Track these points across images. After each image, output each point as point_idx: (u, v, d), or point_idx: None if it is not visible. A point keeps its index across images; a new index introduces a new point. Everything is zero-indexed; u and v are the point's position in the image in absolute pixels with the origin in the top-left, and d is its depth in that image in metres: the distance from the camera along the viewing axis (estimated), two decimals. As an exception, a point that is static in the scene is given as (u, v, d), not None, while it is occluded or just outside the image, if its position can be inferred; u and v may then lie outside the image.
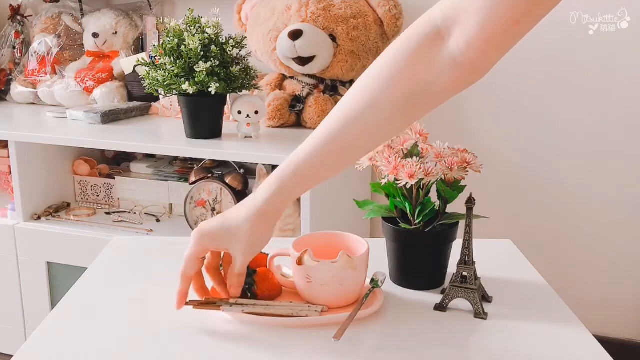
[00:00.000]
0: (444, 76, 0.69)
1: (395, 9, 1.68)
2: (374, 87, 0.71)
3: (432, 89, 0.70)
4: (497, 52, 0.68)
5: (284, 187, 0.74)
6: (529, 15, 0.64)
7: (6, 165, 1.88)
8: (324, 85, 1.73)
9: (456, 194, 0.85)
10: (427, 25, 0.69)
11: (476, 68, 0.69)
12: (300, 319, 0.78)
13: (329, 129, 0.73)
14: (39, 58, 2.06)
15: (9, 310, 1.77)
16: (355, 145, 0.74)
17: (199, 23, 1.48)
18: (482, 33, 0.65)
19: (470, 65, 0.68)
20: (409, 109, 0.71)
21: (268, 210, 0.75)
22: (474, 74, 0.70)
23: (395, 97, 0.70)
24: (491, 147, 1.85)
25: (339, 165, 0.75)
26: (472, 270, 0.81)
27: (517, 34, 0.66)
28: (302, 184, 0.75)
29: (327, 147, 0.73)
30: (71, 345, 0.74)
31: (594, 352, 0.73)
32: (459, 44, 0.67)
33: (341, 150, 0.73)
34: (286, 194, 0.75)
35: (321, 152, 0.73)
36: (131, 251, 1.03)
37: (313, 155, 0.73)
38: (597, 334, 0.91)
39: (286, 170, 0.74)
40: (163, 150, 1.56)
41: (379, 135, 0.74)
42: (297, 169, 0.74)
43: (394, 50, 0.71)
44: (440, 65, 0.69)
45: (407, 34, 0.71)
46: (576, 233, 1.84)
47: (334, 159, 0.74)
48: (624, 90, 1.72)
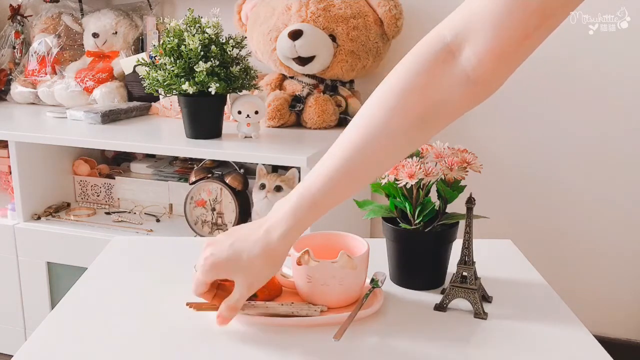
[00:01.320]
0: (457, 94, 0.68)
1: (395, 9, 1.68)
2: (386, 109, 0.70)
3: (446, 107, 0.69)
4: (509, 66, 0.67)
5: (300, 221, 0.72)
6: (541, 29, 0.63)
7: (6, 165, 1.88)
8: (324, 85, 1.73)
9: (456, 194, 0.85)
10: (437, 42, 0.68)
11: (489, 83, 0.68)
12: (300, 319, 0.78)
13: (343, 155, 0.71)
14: (39, 58, 2.06)
15: (9, 310, 1.77)
16: (370, 169, 0.73)
17: (199, 23, 1.48)
18: (494, 48, 0.65)
19: (482, 80, 0.67)
20: (423, 129, 0.70)
21: (282, 248, 0.72)
22: (486, 89, 0.69)
23: (409, 120, 0.69)
24: (491, 147, 1.85)
25: (354, 189, 0.74)
26: (472, 270, 0.81)
27: (528, 47, 0.65)
28: (317, 214, 0.73)
29: (342, 174, 0.71)
30: (71, 345, 0.74)
31: (594, 352, 0.73)
32: (471, 60, 0.66)
33: (357, 175, 0.72)
34: (301, 226, 0.73)
35: (337, 180, 0.71)
36: (131, 251, 1.03)
37: (329, 184, 0.71)
38: (597, 334, 0.91)
39: (302, 201, 0.72)
40: (163, 150, 1.56)
41: (393, 158, 0.74)
42: (313, 200, 0.71)
43: (403, 70, 0.70)
44: (452, 82, 0.68)
45: (416, 52, 0.69)
46: (576, 233, 1.84)
47: (349, 184, 0.73)
48: (624, 90, 1.72)
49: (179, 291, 0.81)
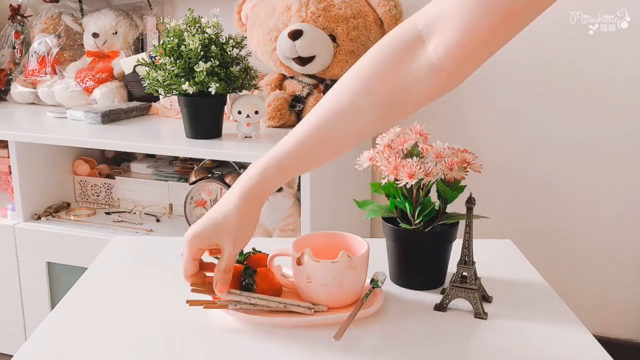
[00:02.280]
0: (421, 81, 0.70)
1: (395, 9, 1.68)
2: (354, 87, 0.73)
3: (411, 92, 0.72)
4: (472, 60, 0.69)
5: (267, 178, 0.76)
6: (505, 27, 0.65)
7: (6, 165, 1.88)
8: (324, 85, 1.73)
9: (456, 194, 0.85)
10: (410, 29, 0.71)
11: (452, 75, 0.70)
12: (301, 319, 0.78)
13: (311, 126, 0.76)
14: (39, 58, 2.06)
15: (9, 310, 1.77)
16: (336, 142, 0.77)
17: (199, 23, 1.48)
18: (460, 41, 0.67)
19: (446, 72, 0.69)
20: (388, 111, 0.73)
21: (253, 195, 0.76)
22: (450, 82, 0.71)
23: (375, 98, 0.73)
24: (491, 147, 1.85)
25: (320, 159, 0.79)
26: (472, 270, 0.81)
27: (493, 44, 0.67)
28: (284, 175, 0.78)
29: (308, 143, 0.75)
30: (71, 345, 0.74)
31: (594, 352, 0.73)
32: (437, 51, 0.68)
33: (322, 146, 0.76)
34: (268, 184, 0.77)
35: (303, 147, 0.76)
36: (131, 251, 1.03)
37: (295, 150, 0.76)
38: (597, 334, 0.91)
39: (270, 162, 0.76)
40: (163, 150, 1.56)
41: (358, 134, 0.76)
42: (281, 162, 0.76)
43: (376, 52, 0.73)
44: (418, 70, 0.70)
45: (390, 37, 0.73)
46: (576, 233, 1.84)
47: (315, 153, 0.77)
48: (624, 90, 1.72)
49: (179, 291, 0.81)
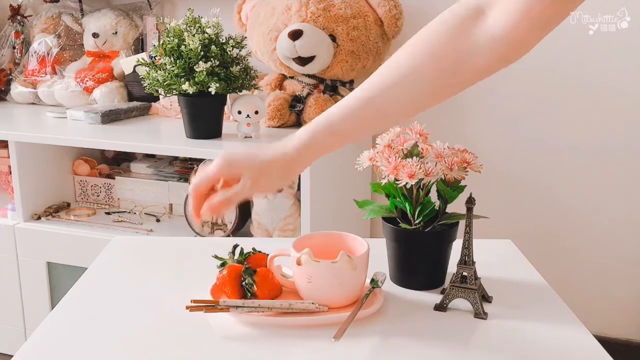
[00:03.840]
0: (483, 50, 0.70)
1: (395, 9, 1.68)
2: (415, 54, 0.72)
3: (473, 61, 0.71)
4: (534, 31, 0.68)
5: (316, 141, 0.75)
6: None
7: (6, 165, 1.88)
8: (324, 85, 1.73)
9: (456, 194, 0.85)
10: (469, 2, 0.71)
11: (514, 46, 0.69)
12: (301, 319, 0.78)
13: (368, 91, 0.74)
14: (39, 58, 2.06)
15: (9, 310, 1.77)
16: (392, 111, 0.75)
17: (199, 23, 1.48)
18: (521, 10, 0.66)
19: (507, 42, 0.69)
20: (449, 80, 0.73)
21: (295, 158, 0.75)
22: (512, 52, 0.70)
23: (437, 66, 0.72)
24: (491, 147, 1.85)
25: (373, 127, 0.77)
26: (472, 270, 0.81)
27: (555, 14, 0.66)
28: (334, 141, 0.76)
29: (363, 110, 0.74)
30: (71, 345, 0.74)
31: (594, 352, 0.73)
32: (497, 19, 0.68)
33: (377, 113, 0.74)
34: (317, 147, 0.75)
35: (357, 113, 0.74)
36: (131, 251, 1.03)
37: (349, 115, 0.74)
38: (597, 334, 0.91)
39: (321, 125, 0.75)
40: (163, 150, 1.56)
41: (416, 104, 0.75)
42: (332, 126, 0.74)
43: (439, 22, 0.73)
44: (479, 39, 0.70)
45: (450, 10, 0.73)
46: (576, 233, 1.84)
47: (368, 121, 0.75)
48: (624, 90, 1.72)
49: (179, 291, 0.81)
